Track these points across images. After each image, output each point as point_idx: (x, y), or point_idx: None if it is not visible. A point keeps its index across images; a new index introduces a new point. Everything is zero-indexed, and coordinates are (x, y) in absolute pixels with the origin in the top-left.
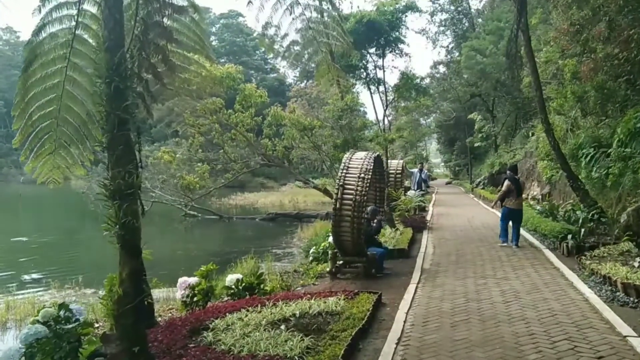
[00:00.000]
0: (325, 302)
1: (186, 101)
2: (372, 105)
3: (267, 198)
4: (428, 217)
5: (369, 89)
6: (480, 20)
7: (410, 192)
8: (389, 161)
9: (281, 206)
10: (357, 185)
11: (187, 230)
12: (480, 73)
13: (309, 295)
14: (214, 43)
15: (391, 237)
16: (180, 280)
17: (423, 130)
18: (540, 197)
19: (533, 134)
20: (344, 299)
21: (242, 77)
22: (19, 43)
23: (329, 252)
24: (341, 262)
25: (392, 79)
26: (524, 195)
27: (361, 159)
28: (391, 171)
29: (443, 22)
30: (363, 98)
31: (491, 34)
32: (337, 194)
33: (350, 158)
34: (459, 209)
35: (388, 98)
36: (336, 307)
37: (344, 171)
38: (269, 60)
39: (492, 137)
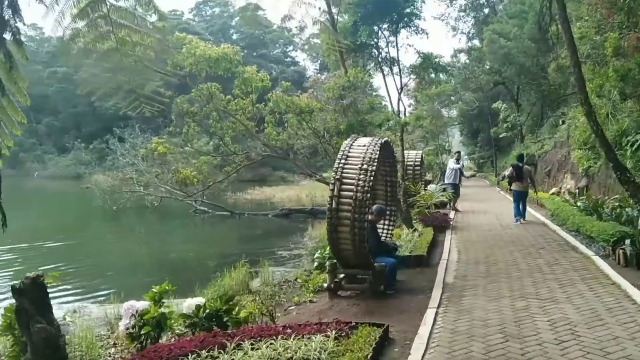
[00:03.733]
0: (306, 345)
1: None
2: (386, 91)
3: (285, 192)
4: (451, 215)
5: (382, 70)
6: (501, 7)
7: (431, 187)
8: (406, 152)
9: (298, 201)
10: (359, 179)
11: (195, 228)
12: (504, 58)
13: (289, 330)
14: (234, 37)
15: (407, 239)
16: (126, 305)
17: (445, 120)
18: (576, 191)
19: (563, 122)
20: (335, 337)
21: (240, 59)
22: (44, 39)
23: (327, 263)
24: (342, 275)
25: (407, 59)
26: (555, 189)
27: (364, 145)
28: (409, 163)
29: (462, 7)
30: (378, 84)
31: (515, 17)
32: (332, 190)
33: (351, 145)
34: (486, 204)
35: (403, 80)
36: (321, 353)
37: (342, 161)
38: (288, 53)
39: (517, 127)
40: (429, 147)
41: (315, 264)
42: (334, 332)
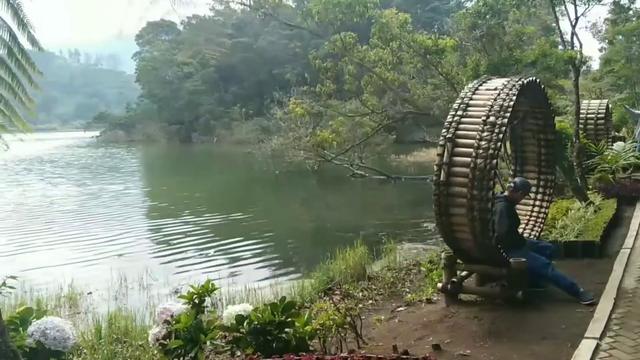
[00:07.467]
0: None
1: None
2: (556, 25)
3: None
4: None
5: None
6: None
7: (619, 144)
8: (585, 101)
9: None
10: (481, 139)
11: (350, 192)
12: None
13: None
14: None
15: (577, 217)
16: (159, 308)
17: None
18: None
19: None
20: None
21: (377, 1)
22: (231, 12)
23: (442, 254)
24: (464, 273)
25: None
26: None
27: (495, 89)
28: (589, 115)
29: None
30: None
31: None
32: (441, 155)
33: (475, 89)
34: None
35: (578, 9)
36: None
37: (459, 113)
38: (464, 4)
39: None
40: (622, 95)
41: None
42: None
